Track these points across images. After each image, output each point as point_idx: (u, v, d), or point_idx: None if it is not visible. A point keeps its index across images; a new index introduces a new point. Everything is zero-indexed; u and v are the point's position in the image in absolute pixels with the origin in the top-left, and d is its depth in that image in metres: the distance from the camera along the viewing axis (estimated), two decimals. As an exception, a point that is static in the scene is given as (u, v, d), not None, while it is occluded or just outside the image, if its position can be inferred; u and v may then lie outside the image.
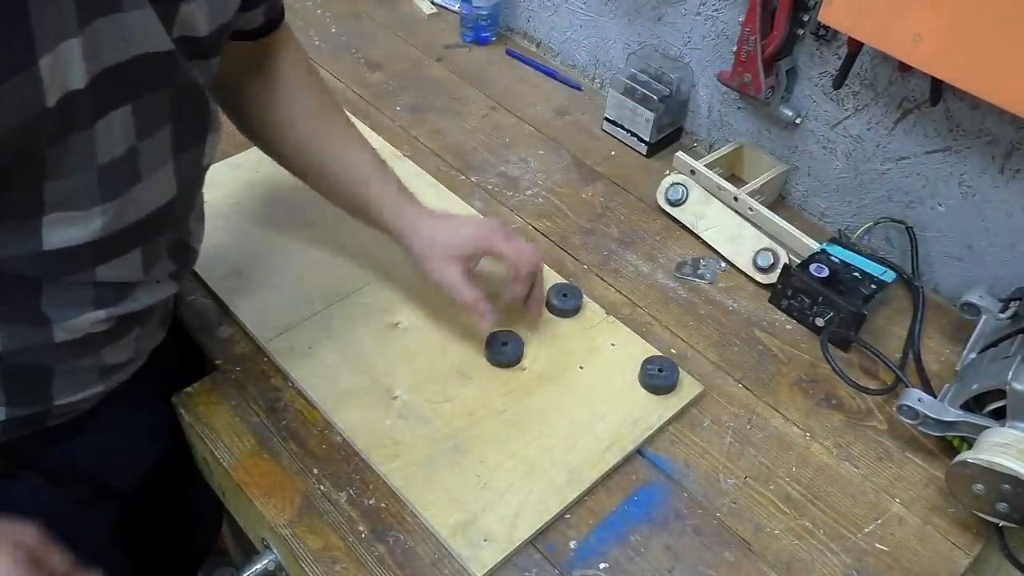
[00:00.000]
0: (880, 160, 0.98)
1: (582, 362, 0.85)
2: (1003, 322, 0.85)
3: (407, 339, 0.86)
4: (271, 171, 0.87)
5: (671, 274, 0.98)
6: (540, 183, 1.08)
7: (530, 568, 0.71)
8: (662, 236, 1.02)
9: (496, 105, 1.20)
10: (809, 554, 0.74)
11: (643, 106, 1.10)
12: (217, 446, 0.76)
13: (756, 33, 0.97)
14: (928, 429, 0.79)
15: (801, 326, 0.93)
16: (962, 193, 0.93)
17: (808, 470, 0.80)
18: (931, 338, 0.92)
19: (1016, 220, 0.90)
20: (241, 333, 0.86)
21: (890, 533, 0.76)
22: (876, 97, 0.95)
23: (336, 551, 0.70)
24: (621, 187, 1.09)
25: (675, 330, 0.91)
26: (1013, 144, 0.86)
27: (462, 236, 0.81)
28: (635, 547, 0.73)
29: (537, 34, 1.32)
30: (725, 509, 0.76)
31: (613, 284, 0.96)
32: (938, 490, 0.79)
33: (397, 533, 0.72)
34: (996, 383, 0.74)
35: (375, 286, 0.90)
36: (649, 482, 0.77)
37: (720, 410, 0.84)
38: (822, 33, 0.96)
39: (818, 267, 0.92)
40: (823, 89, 0.99)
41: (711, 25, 1.06)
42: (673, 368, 0.83)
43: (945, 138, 0.91)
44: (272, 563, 0.74)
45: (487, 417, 0.79)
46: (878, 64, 0.93)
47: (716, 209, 1.01)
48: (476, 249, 0.81)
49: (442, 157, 1.10)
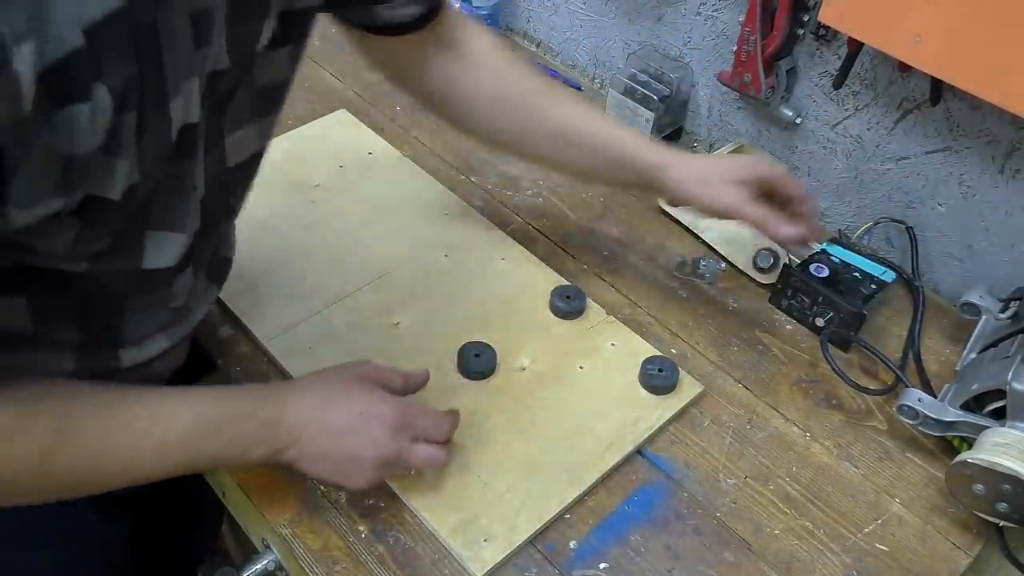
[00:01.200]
0: (880, 160, 0.98)
1: (582, 362, 0.85)
2: (1003, 322, 0.85)
3: (407, 339, 0.86)
4: (270, 172, 0.87)
5: (671, 274, 0.98)
6: (540, 183, 1.08)
7: (530, 568, 0.71)
8: (662, 236, 1.02)
9: (496, 105, 1.20)
10: (809, 554, 0.74)
11: (643, 106, 1.10)
12: (217, 446, 0.76)
13: (756, 33, 0.97)
14: (928, 429, 0.79)
15: (801, 326, 0.93)
16: (962, 193, 0.93)
17: (808, 470, 0.80)
18: (931, 338, 0.92)
19: (1016, 220, 0.90)
20: (241, 333, 0.86)
21: (890, 533, 0.76)
22: (876, 97, 0.95)
23: (336, 551, 0.70)
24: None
25: (675, 330, 0.91)
26: (1013, 144, 0.86)
27: (736, 162, 0.82)
28: (635, 547, 0.73)
29: (537, 34, 1.32)
30: (725, 509, 0.76)
31: (613, 284, 0.96)
32: (938, 490, 0.79)
33: (397, 533, 0.72)
34: (996, 383, 0.74)
35: (375, 286, 0.90)
36: (649, 482, 0.77)
37: (720, 410, 0.84)
38: (822, 33, 0.96)
39: (818, 267, 0.92)
40: (823, 89, 0.99)
41: (711, 25, 1.06)
42: (673, 368, 0.83)
43: (945, 138, 0.91)
44: (272, 563, 0.74)
45: (487, 417, 0.79)
46: (878, 64, 0.93)
47: (716, 209, 1.01)
48: (752, 173, 0.80)
49: (442, 157, 1.10)
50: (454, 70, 0.81)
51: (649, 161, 0.81)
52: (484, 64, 0.82)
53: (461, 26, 0.82)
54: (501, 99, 0.82)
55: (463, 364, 0.82)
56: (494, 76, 0.82)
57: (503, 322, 0.87)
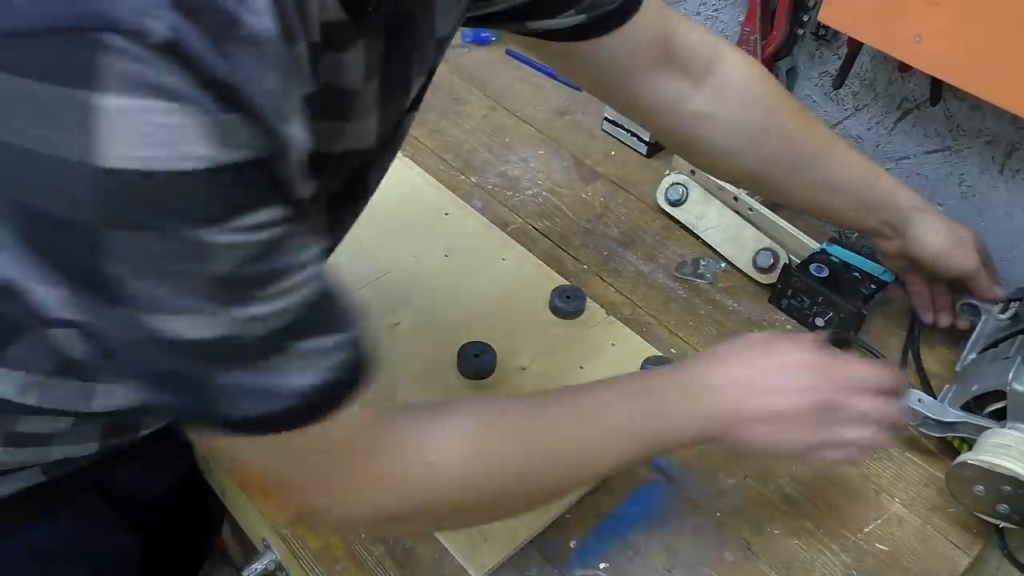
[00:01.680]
0: (880, 160, 0.98)
1: (582, 362, 0.85)
2: (1003, 323, 0.85)
3: (407, 339, 0.86)
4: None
5: (671, 274, 0.98)
6: (540, 183, 1.08)
7: (530, 568, 0.71)
8: (662, 236, 1.02)
9: (496, 105, 1.20)
10: (809, 554, 0.74)
11: (643, 106, 1.10)
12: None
13: (756, 33, 0.97)
14: (928, 430, 0.79)
15: (801, 326, 0.93)
16: (962, 193, 0.93)
17: (808, 470, 0.80)
18: (931, 338, 0.92)
19: (1016, 220, 0.90)
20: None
21: (890, 533, 0.76)
22: (876, 97, 0.95)
23: (336, 551, 0.70)
24: (621, 187, 1.09)
25: (675, 330, 0.91)
26: (1013, 144, 0.86)
27: (968, 230, 0.84)
28: (635, 547, 0.73)
29: (537, 34, 1.32)
30: (725, 509, 0.76)
31: (613, 284, 0.96)
32: (938, 490, 0.79)
33: (397, 533, 0.72)
34: (996, 384, 0.74)
35: (375, 286, 0.90)
36: (649, 482, 0.77)
37: (720, 410, 0.84)
38: (822, 33, 0.96)
39: (818, 267, 0.92)
40: (823, 89, 0.99)
41: (711, 25, 1.06)
42: (673, 368, 0.83)
43: (945, 138, 0.91)
44: (272, 563, 0.74)
45: (487, 417, 0.79)
46: (878, 64, 0.93)
47: (716, 209, 1.01)
48: (983, 247, 0.85)
49: (442, 157, 1.10)
50: (709, 105, 0.76)
51: (904, 203, 0.82)
52: (742, 99, 0.77)
53: (710, 48, 0.76)
54: (762, 143, 0.77)
55: (463, 364, 0.82)
56: (755, 116, 0.77)
57: (503, 322, 0.87)
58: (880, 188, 0.81)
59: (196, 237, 0.37)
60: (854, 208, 0.83)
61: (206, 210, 0.37)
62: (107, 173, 0.34)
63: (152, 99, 0.34)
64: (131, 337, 0.40)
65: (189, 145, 0.35)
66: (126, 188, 0.35)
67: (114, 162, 0.34)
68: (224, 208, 0.37)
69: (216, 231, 0.37)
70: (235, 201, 0.38)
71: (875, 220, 0.83)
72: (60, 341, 0.44)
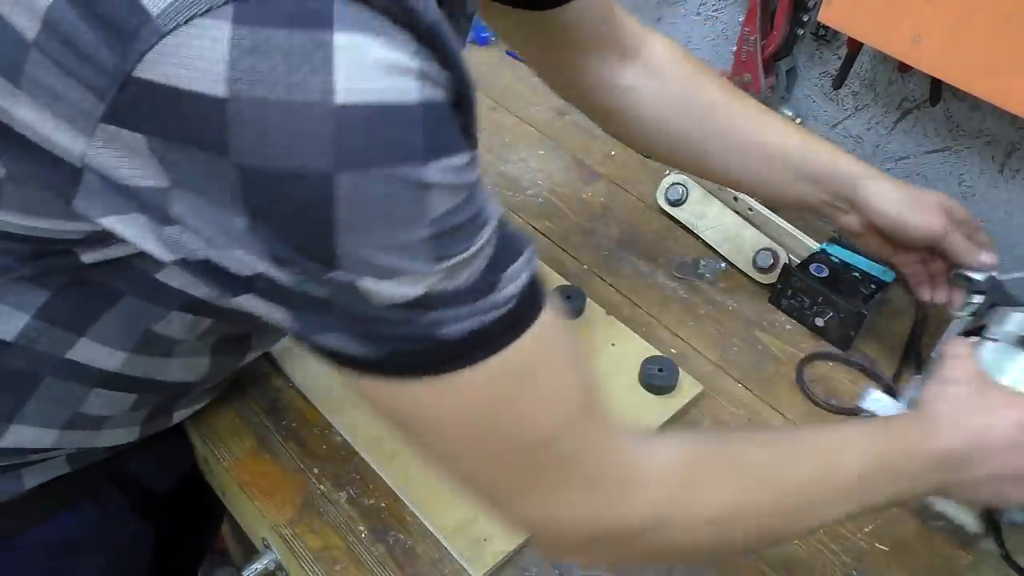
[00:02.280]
0: (880, 160, 0.98)
1: (582, 362, 0.85)
2: (965, 319, 0.82)
3: (407, 339, 0.86)
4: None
5: (671, 274, 0.98)
6: (540, 183, 1.08)
7: (530, 568, 0.71)
8: (662, 236, 1.02)
9: (496, 105, 1.20)
10: (809, 554, 0.74)
11: (643, 106, 1.10)
12: (217, 446, 0.76)
13: (756, 33, 0.97)
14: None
15: (801, 326, 0.93)
16: (962, 193, 0.93)
17: (808, 470, 0.80)
18: (931, 338, 0.92)
19: (1016, 220, 0.90)
20: (241, 333, 0.86)
21: (890, 533, 0.76)
22: (876, 97, 0.95)
23: (336, 551, 0.70)
24: (621, 187, 1.09)
25: (675, 330, 0.91)
26: (1013, 144, 0.86)
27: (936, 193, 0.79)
28: (635, 547, 0.73)
29: (537, 34, 1.32)
30: (725, 509, 0.76)
31: (613, 284, 0.96)
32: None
33: (397, 533, 0.72)
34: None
35: (375, 286, 0.90)
36: (649, 482, 0.77)
37: (720, 410, 0.84)
38: (822, 33, 0.96)
39: (818, 267, 0.92)
40: (823, 89, 0.99)
41: (711, 25, 1.06)
42: (673, 368, 0.83)
43: (945, 138, 0.91)
44: (272, 563, 0.74)
45: (487, 417, 0.79)
46: (878, 64, 0.93)
47: (716, 209, 1.01)
48: (950, 205, 0.79)
49: (442, 157, 1.10)
50: (637, 79, 0.79)
51: (849, 171, 0.78)
52: (666, 73, 0.80)
53: (639, 32, 0.79)
54: (686, 111, 0.79)
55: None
56: (679, 86, 0.80)
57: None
58: (822, 157, 0.78)
59: (417, 176, 0.39)
60: (795, 179, 0.79)
61: (425, 144, 0.39)
62: (341, 109, 0.37)
63: (376, 36, 0.37)
64: (349, 298, 0.42)
65: (405, 80, 0.38)
66: (356, 123, 0.37)
67: (345, 96, 0.37)
68: (437, 145, 0.40)
69: (433, 170, 0.39)
70: (445, 139, 0.40)
71: (823, 193, 0.79)
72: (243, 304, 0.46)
